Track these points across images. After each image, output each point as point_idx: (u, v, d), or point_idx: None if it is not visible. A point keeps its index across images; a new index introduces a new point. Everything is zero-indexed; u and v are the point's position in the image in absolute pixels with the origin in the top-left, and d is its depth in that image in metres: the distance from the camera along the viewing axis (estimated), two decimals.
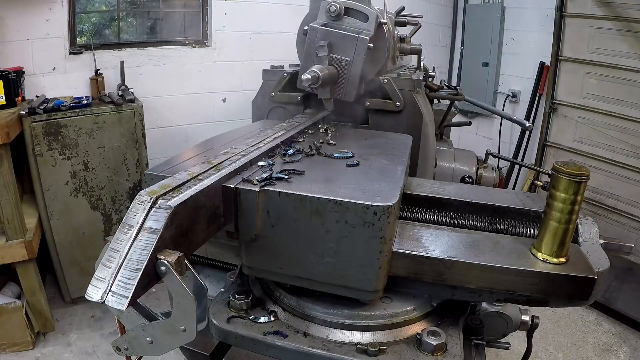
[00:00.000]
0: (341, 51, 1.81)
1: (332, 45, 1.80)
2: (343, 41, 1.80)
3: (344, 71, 1.83)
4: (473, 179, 2.27)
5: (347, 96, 1.87)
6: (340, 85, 1.86)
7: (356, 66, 1.81)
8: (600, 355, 3.28)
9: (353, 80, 1.84)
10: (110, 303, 0.78)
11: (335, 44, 1.81)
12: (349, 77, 1.84)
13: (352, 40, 1.79)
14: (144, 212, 0.86)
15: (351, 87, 1.85)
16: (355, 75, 1.83)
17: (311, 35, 1.84)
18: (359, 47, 1.78)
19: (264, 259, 1.17)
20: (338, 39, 1.80)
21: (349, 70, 1.83)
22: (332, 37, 1.80)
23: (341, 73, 1.84)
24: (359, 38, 1.78)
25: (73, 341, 3.18)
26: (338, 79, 1.84)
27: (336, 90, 1.87)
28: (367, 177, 1.23)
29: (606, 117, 4.28)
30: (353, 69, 1.82)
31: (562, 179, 1.06)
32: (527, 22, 5.08)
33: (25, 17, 3.28)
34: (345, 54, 1.81)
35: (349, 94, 1.87)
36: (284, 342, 1.15)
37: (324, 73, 1.67)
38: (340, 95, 1.87)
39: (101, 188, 3.36)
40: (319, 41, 1.80)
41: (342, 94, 1.87)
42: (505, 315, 1.51)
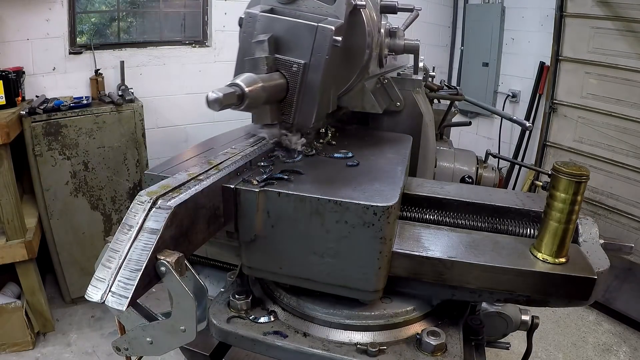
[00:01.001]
0: (293, 50, 1.24)
1: (278, 42, 1.25)
2: (295, 34, 1.23)
3: (296, 81, 1.24)
4: (473, 179, 2.27)
5: (303, 120, 1.29)
6: (290, 103, 1.27)
7: (315, 72, 1.23)
8: (600, 355, 3.28)
9: (311, 96, 1.25)
10: (110, 303, 0.78)
11: (284, 39, 1.24)
12: (304, 89, 1.25)
13: (308, 33, 1.21)
14: (143, 213, 0.86)
15: (308, 106, 1.26)
16: (313, 88, 1.24)
17: (248, 27, 1.27)
18: (320, 43, 1.21)
19: (264, 259, 1.17)
20: (288, 31, 1.24)
21: (304, 78, 1.24)
22: (278, 29, 1.25)
23: (291, 84, 1.25)
24: (318, 28, 1.20)
25: (73, 341, 3.18)
26: (287, 94, 1.26)
27: (284, 111, 1.28)
28: (367, 177, 1.23)
29: (606, 117, 4.28)
30: (310, 77, 1.24)
31: (562, 179, 1.06)
32: (527, 22, 5.08)
33: (25, 17, 3.28)
34: (298, 54, 1.23)
35: (304, 115, 1.27)
36: (284, 342, 1.15)
37: (255, 87, 1.08)
38: (290, 118, 1.28)
39: (101, 188, 3.36)
40: (258, 35, 1.25)
41: (293, 116, 1.28)
42: (505, 315, 1.51)
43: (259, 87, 1.10)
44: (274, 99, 1.23)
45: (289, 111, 1.27)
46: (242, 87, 1.05)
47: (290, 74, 1.24)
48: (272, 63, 1.22)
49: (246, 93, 1.05)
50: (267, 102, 1.19)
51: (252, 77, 1.10)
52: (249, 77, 1.09)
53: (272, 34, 1.24)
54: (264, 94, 1.13)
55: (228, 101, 1.01)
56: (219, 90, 1.00)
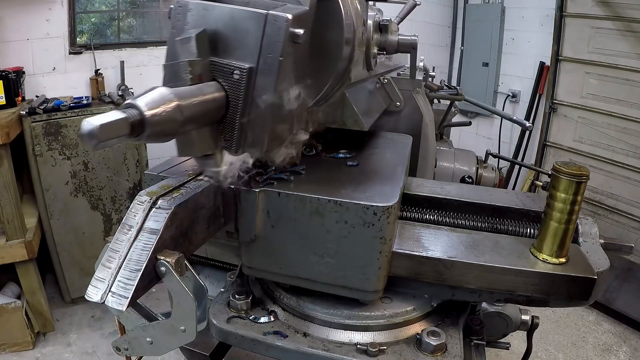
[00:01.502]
0: (234, 50, 0.90)
1: (216, 39, 0.90)
2: (237, 28, 0.89)
3: (238, 93, 0.89)
4: (473, 179, 2.27)
5: (251, 146, 0.94)
6: (232, 123, 0.92)
7: (265, 79, 0.88)
8: (600, 355, 3.28)
9: (260, 112, 0.90)
10: (110, 303, 0.78)
11: (223, 35, 0.90)
12: (250, 104, 0.90)
13: (255, 25, 0.87)
14: (143, 213, 0.86)
15: (257, 125, 0.92)
16: (264, 102, 0.89)
17: (177, 19, 0.94)
18: (271, 38, 0.87)
19: (264, 259, 1.17)
20: (227, 23, 0.90)
21: (250, 89, 0.89)
22: (215, 22, 0.90)
23: (233, 97, 0.90)
24: (268, 18, 0.86)
25: (73, 341, 3.19)
26: (227, 110, 0.91)
27: (224, 133, 0.93)
28: (367, 177, 1.23)
29: (606, 117, 4.28)
30: (260, 87, 0.89)
31: (562, 179, 1.06)
32: (527, 22, 5.08)
33: (25, 17, 3.28)
34: (241, 56, 0.89)
35: (253, 141, 0.93)
36: (284, 342, 1.14)
37: (163, 108, 0.74)
38: (232, 144, 0.93)
39: (101, 188, 3.36)
40: (189, 30, 0.90)
41: (237, 143, 0.93)
42: (505, 315, 1.51)
43: (171, 107, 0.75)
44: (205, 120, 0.87)
45: (231, 136, 0.91)
46: (141, 110, 0.71)
47: (230, 84, 0.89)
48: (203, 69, 0.87)
49: (146, 118, 0.71)
50: (190, 126, 0.83)
51: (161, 94, 0.75)
52: (157, 94, 0.75)
53: (205, 28, 0.88)
54: (181, 116, 0.77)
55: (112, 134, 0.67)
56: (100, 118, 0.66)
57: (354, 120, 1.34)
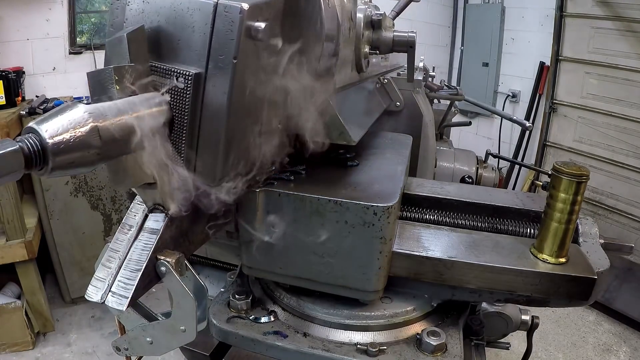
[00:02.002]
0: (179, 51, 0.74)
1: (158, 39, 0.75)
2: (180, 24, 0.73)
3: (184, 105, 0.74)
4: (473, 179, 2.27)
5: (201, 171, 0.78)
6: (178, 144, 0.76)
7: (217, 87, 0.73)
8: (600, 355, 3.28)
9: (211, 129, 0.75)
10: (110, 303, 0.78)
11: (166, 33, 0.75)
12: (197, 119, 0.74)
13: (201, 18, 0.71)
14: (143, 213, 0.86)
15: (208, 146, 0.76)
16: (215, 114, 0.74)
17: (114, 16, 0.79)
18: (222, 35, 0.71)
19: (264, 259, 1.17)
20: (169, 18, 0.74)
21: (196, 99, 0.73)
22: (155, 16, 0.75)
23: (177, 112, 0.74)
24: (218, 9, 0.70)
25: (73, 341, 3.19)
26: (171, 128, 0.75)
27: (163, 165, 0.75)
28: (367, 177, 1.23)
29: (606, 117, 4.28)
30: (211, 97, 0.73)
31: (562, 179, 1.06)
32: (527, 22, 5.09)
33: (25, 17, 3.28)
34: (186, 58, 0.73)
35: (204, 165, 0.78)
36: (284, 342, 1.14)
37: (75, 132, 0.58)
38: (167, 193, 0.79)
39: (101, 188, 3.36)
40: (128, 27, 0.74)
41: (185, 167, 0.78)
42: (505, 315, 1.51)
43: (84, 131, 0.58)
44: (140, 144, 0.68)
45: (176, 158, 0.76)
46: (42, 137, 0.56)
47: (174, 95, 0.73)
48: (138, 77, 0.70)
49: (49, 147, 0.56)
50: (116, 151, 0.66)
51: (70, 115, 0.58)
52: (65, 115, 0.58)
53: (143, 25, 0.72)
54: (99, 143, 0.60)
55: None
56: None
57: (339, 132, 1.11)
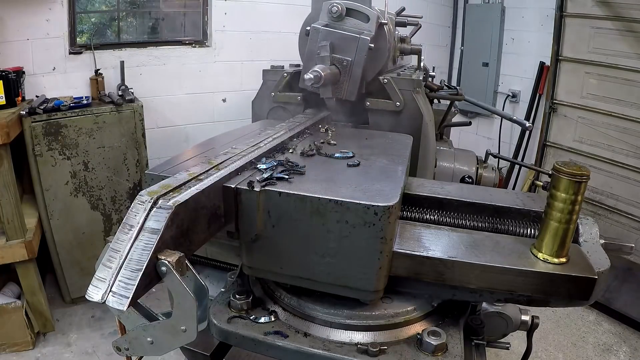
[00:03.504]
0: (343, 51, 1.86)
1: (333, 46, 1.85)
2: (344, 42, 1.85)
3: (345, 71, 1.87)
4: (473, 179, 2.27)
5: (349, 95, 1.91)
6: (341, 85, 1.90)
7: (357, 66, 1.86)
8: (600, 355, 3.28)
9: (354, 80, 1.88)
10: (111, 303, 0.78)
11: (337, 44, 1.85)
12: (350, 77, 1.88)
13: (353, 41, 1.84)
14: (144, 212, 0.86)
15: (353, 86, 1.89)
16: (356, 75, 1.87)
17: (313, 36, 1.88)
18: (360, 48, 1.83)
19: (264, 259, 1.17)
20: (339, 39, 1.85)
21: (350, 70, 1.87)
22: (333, 38, 1.84)
23: (343, 73, 1.87)
24: (360, 38, 1.82)
25: (73, 341, 3.18)
26: (340, 78, 1.88)
27: (338, 89, 1.91)
28: (367, 177, 1.23)
29: (606, 117, 4.27)
30: (354, 69, 1.86)
31: (562, 179, 1.06)
32: (527, 22, 5.08)
33: (25, 17, 3.28)
34: (346, 54, 1.86)
35: (350, 93, 1.91)
36: (284, 342, 1.14)
37: (326, 73, 1.71)
38: (342, 95, 1.92)
39: (101, 188, 3.36)
40: (321, 42, 1.84)
41: (344, 94, 1.91)
42: (505, 315, 1.51)
43: (328, 73, 1.75)
44: (333, 81, 1.85)
45: (340, 90, 1.92)
46: (321, 73, 1.69)
47: (341, 67, 1.88)
48: (331, 60, 1.84)
49: (323, 76, 1.70)
50: (329, 83, 1.81)
51: (323, 67, 1.74)
52: (322, 67, 1.74)
53: (331, 41, 1.84)
54: (330, 78, 1.78)
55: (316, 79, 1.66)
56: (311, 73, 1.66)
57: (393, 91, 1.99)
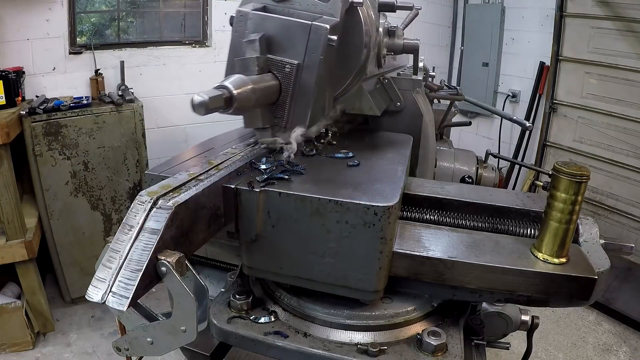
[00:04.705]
0: (285, 50, 1.20)
1: (270, 41, 1.20)
2: (288, 34, 1.19)
3: (289, 83, 1.19)
4: (473, 179, 2.27)
5: (297, 122, 1.23)
6: (282, 106, 1.22)
7: (309, 73, 1.18)
8: (600, 355, 3.28)
9: (305, 98, 1.20)
10: (111, 304, 0.78)
11: (277, 38, 1.20)
12: (297, 91, 1.20)
13: (301, 32, 1.17)
14: (144, 213, 0.86)
15: (302, 108, 1.22)
16: (308, 89, 1.19)
17: (239, 26, 1.25)
18: (314, 42, 1.16)
19: (264, 259, 1.17)
20: (280, 30, 1.19)
21: (297, 81, 1.19)
22: (270, 28, 1.20)
23: (285, 86, 1.20)
24: (312, 27, 1.16)
25: (73, 341, 3.18)
26: (279, 96, 1.21)
27: (278, 113, 1.24)
28: (367, 177, 1.23)
29: (606, 117, 4.27)
30: (304, 79, 1.19)
31: (562, 179, 1.06)
32: (527, 22, 5.08)
33: (25, 17, 3.28)
34: (291, 55, 1.19)
35: (298, 119, 1.23)
36: (284, 342, 1.14)
37: (244, 89, 1.03)
38: (283, 122, 1.24)
39: (101, 188, 3.36)
40: (249, 34, 1.21)
41: (287, 120, 1.23)
42: (505, 315, 1.51)
43: (248, 89, 1.05)
44: (266, 101, 1.18)
45: (282, 114, 1.23)
46: (230, 90, 1.00)
47: (283, 75, 1.19)
48: (263, 64, 1.18)
49: (234, 96, 1.00)
50: (257, 104, 1.13)
51: (241, 79, 1.05)
52: (238, 79, 1.04)
53: (264, 33, 1.19)
54: (254, 96, 1.07)
55: (215, 104, 0.96)
56: (205, 93, 0.94)
57: (369, 107, 1.62)
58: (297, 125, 1.23)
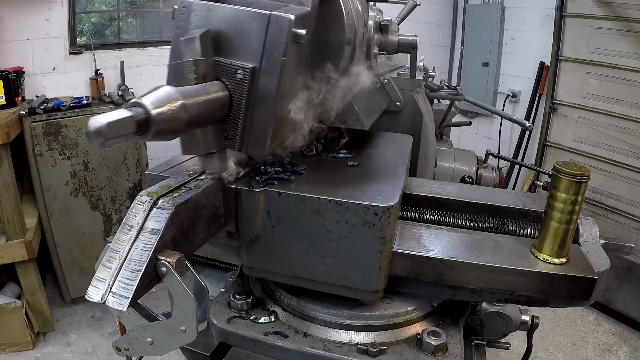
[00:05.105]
0: (237, 50, 0.91)
1: (219, 39, 0.91)
2: (240, 28, 0.90)
3: (241, 92, 0.91)
4: (473, 179, 2.27)
5: (253, 144, 0.95)
6: (235, 122, 0.93)
7: (268, 79, 0.90)
8: (600, 355, 3.28)
9: (263, 111, 0.92)
10: (111, 304, 0.78)
11: (227, 35, 0.91)
12: (253, 103, 0.92)
13: (257, 25, 0.89)
14: (144, 213, 0.86)
15: (260, 124, 0.93)
16: (267, 99, 0.91)
17: (181, 20, 0.95)
18: (274, 38, 0.88)
19: (264, 259, 1.17)
20: (230, 24, 0.91)
21: (252, 88, 0.91)
22: (219, 22, 0.91)
23: (236, 97, 0.91)
24: (271, 18, 0.88)
25: (73, 341, 3.18)
26: (230, 109, 0.92)
27: (228, 132, 0.95)
28: (367, 177, 1.23)
29: (606, 117, 4.28)
30: (263, 86, 0.91)
31: (562, 179, 1.06)
32: (527, 22, 5.08)
33: (25, 17, 3.28)
34: (244, 56, 0.90)
35: (256, 139, 0.95)
36: (284, 342, 1.14)
37: (169, 107, 0.75)
38: (235, 143, 0.95)
39: (101, 188, 3.36)
40: (193, 30, 0.92)
41: (241, 141, 0.95)
42: (505, 315, 1.51)
43: (176, 106, 0.76)
44: (210, 118, 0.89)
45: (234, 134, 0.94)
46: (147, 109, 0.72)
47: (234, 83, 0.90)
48: (205, 69, 0.88)
49: (152, 117, 0.72)
50: (195, 123, 0.84)
51: (166, 93, 0.76)
52: (162, 93, 0.76)
53: (209, 28, 0.89)
54: (186, 115, 0.78)
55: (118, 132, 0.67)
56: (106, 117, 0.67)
57: (355, 119, 1.39)
58: (255, 147, 0.95)
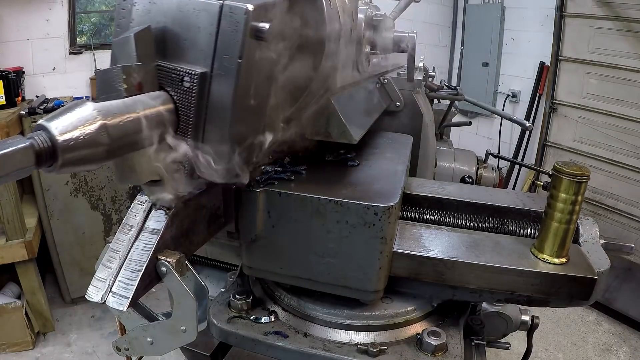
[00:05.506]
0: (184, 52, 0.75)
1: (163, 39, 0.75)
2: (186, 24, 0.74)
3: (190, 103, 0.74)
4: (473, 179, 2.27)
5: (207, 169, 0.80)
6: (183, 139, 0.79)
7: (222, 87, 0.74)
8: (600, 355, 3.28)
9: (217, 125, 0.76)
10: (111, 304, 0.78)
11: (171, 33, 0.75)
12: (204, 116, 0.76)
13: (206, 19, 0.73)
14: (144, 213, 0.86)
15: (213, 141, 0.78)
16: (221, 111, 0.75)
17: (121, 17, 0.78)
18: (227, 36, 0.72)
19: (264, 259, 1.17)
20: (175, 19, 0.75)
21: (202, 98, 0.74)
22: (161, 17, 0.75)
23: (183, 110, 0.75)
24: (223, 9, 0.71)
25: (73, 341, 3.19)
26: (177, 126, 0.76)
27: None
28: (367, 177, 1.23)
29: (606, 117, 4.28)
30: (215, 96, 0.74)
31: (562, 179, 1.06)
32: (527, 22, 5.09)
33: (25, 17, 3.28)
34: (192, 58, 0.74)
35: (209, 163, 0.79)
36: (284, 342, 1.14)
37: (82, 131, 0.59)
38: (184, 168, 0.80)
39: (101, 188, 3.36)
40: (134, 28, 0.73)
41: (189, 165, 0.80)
42: (505, 315, 1.51)
43: (93, 128, 0.59)
44: (147, 140, 0.70)
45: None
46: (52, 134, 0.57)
47: (180, 93, 0.74)
48: (144, 77, 0.69)
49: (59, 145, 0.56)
50: (124, 149, 0.68)
51: (78, 113, 0.59)
52: (74, 113, 0.59)
53: (150, 25, 0.72)
54: (108, 139, 0.62)
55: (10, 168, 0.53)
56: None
57: (340, 131, 1.15)
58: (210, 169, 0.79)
